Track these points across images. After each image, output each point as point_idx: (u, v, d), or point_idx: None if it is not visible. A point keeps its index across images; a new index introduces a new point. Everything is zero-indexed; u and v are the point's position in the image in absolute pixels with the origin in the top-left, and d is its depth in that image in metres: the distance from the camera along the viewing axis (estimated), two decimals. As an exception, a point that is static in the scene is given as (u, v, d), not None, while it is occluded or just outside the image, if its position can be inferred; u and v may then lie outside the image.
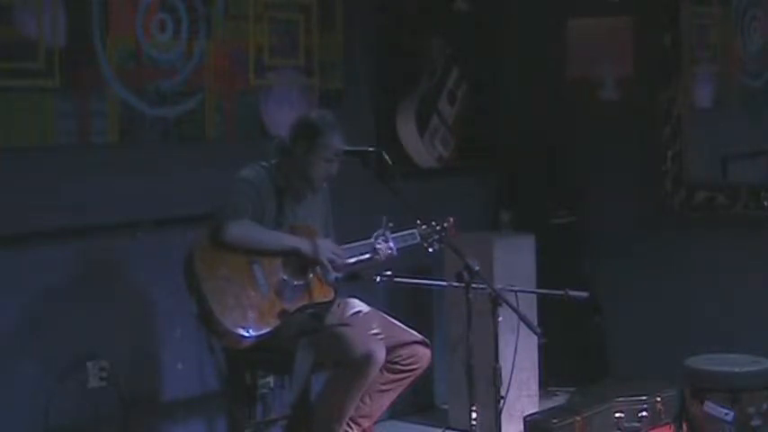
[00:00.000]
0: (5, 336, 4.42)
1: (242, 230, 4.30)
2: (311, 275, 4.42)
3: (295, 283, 4.40)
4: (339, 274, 4.47)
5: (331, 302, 4.48)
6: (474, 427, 4.13)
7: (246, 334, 4.22)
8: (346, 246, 4.52)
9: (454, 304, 5.46)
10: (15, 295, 4.45)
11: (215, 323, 4.20)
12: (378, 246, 4.52)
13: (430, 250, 4.64)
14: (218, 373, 4.55)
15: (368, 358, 4.25)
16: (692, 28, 5.94)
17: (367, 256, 4.52)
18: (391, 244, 4.55)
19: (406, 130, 5.90)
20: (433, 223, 4.59)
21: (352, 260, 4.51)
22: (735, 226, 5.78)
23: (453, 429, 5.48)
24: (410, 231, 4.63)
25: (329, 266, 4.41)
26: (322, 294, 4.44)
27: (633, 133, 6.11)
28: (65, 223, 4.57)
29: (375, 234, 4.54)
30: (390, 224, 4.55)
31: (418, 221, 4.61)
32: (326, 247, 4.43)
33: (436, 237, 4.60)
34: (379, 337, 4.46)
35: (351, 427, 4.46)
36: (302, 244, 4.39)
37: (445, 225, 4.58)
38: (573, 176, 6.31)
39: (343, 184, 4.69)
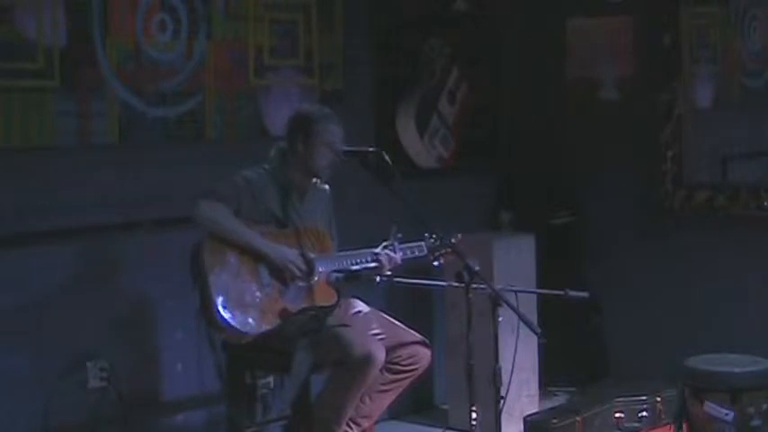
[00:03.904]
0: (5, 336, 4.42)
1: (212, 214, 4.29)
2: (316, 278, 4.42)
3: (299, 284, 4.40)
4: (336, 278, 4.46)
5: (333, 306, 4.46)
6: (474, 427, 4.13)
7: (246, 330, 4.22)
8: (353, 252, 4.52)
9: (454, 304, 5.46)
10: (15, 295, 4.45)
11: (216, 316, 4.20)
12: (381, 257, 4.51)
13: (435, 264, 4.63)
14: (218, 373, 4.55)
15: (367, 359, 4.25)
16: (692, 28, 5.94)
17: (372, 265, 4.52)
18: (398, 254, 4.55)
19: (406, 130, 5.90)
20: (442, 237, 4.54)
21: (357, 267, 4.50)
22: (735, 226, 5.78)
23: (453, 429, 5.48)
24: (418, 244, 4.63)
25: (290, 280, 4.38)
26: (325, 298, 4.42)
27: (633, 133, 6.10)
28: (65, 223, 4.57)
29: (383, 243, 4.53)
30: (399, 235, 4.55)
31: (426, 234, 4.60)
32: (292, 261, 4.37)
33: (443, 251, 4.58)
34: (380, 337, 4.46)
35: (351, 427, 4.46)
36: (272, 251, 4.35)
37: (453, 241, 4.54)
38: (573, 176, 6.31)
39: (344, 184, 4.69)
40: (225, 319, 4.20)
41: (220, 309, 4.19)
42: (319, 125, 4.46)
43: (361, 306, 4.65)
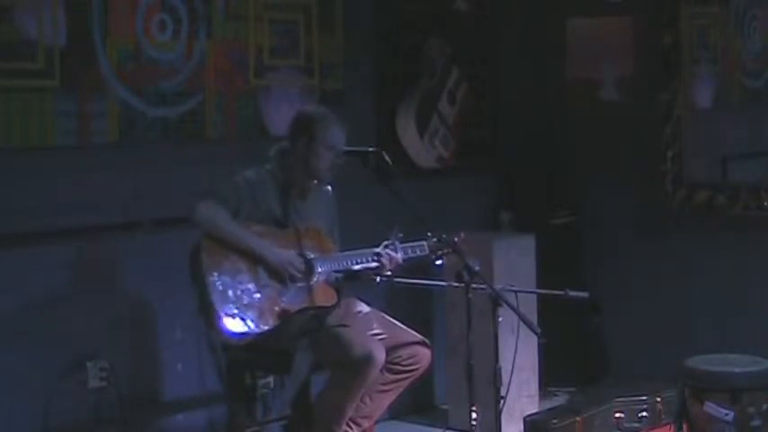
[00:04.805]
0: (5, 336, 4.42)
1: (210, 214, 4.29)
2: (315, 279, 4.41)
3: (299, 284, 4.40)
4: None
5: (333, 307, 4.46)
6: (474, 427, 4.13)
7: (245, 331, 4.22)
8: (353, 252, 4.51)
9: (454, 304, 5.46)
10: (15, 295, 4.45)
11: (215, 317, 4.20)
12: (382, 257, 4.50)
13: (438, 263, 4.62)
14: (219, 373, 4.55)
15: (367, 359, 4.25)
16: (692, 28, 5.94)
17: (373, 265, 4.51)
18: (399, 254, 4.54)
19: (406, 130, 5.90)
20: (444, 236, 4.52)
21: (357, 267, 4.50)
22: (735, 226, 5.78)
23: (453, 429, 5.48)
24: (419, 243, 4.62)
25: (288, 282, 4.38)
26: (324, 299, 4.43)
27: (633, 133, 6.11)
28: (65, 223, 4.57)
29: (384, 243, 4.53)
30: (401, 234, 4.54)
31: (429, 233, 4.58)
32: (290, 263, 4.37)
33: (446, 251, 4.58)
34: (380, 337, 4.46)
35: (351, 428, 4.46)
36: (269, 254, 4.34)
37: (456, 240, 4.53)
38: (573, 176, 6.31)
39: (344, 184, 4.69)
40: (223, 322, 4.19)
41: (219, 310, 4.19)
42: (322, 127, 4.45)
43: (361, 306, 4.65)
